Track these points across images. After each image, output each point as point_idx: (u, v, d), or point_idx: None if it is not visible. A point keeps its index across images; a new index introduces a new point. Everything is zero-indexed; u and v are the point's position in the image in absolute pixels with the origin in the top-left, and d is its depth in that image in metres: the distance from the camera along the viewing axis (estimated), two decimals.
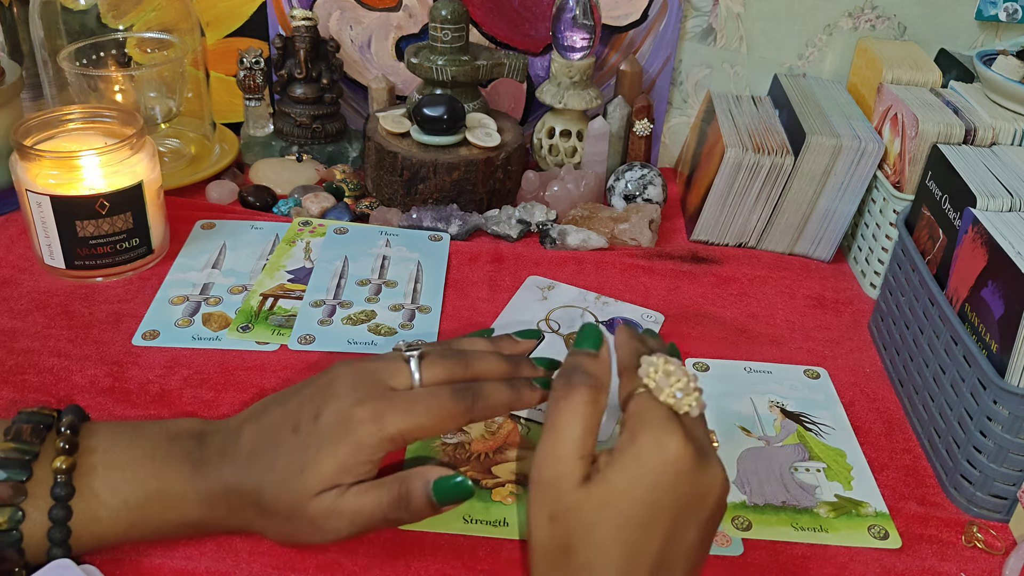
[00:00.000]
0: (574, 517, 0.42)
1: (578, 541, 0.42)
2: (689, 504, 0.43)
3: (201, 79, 0.93)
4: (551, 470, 0.44)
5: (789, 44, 0.96)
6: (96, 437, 0.50)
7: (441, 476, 0.48)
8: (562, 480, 0.43)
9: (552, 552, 0.43)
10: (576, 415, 0.44)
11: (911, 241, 0.70)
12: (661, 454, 0.42)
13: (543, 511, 0.43)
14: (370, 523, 0.49)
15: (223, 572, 0.51)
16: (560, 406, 0.45)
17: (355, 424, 0.47)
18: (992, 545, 0.57)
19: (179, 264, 0.78)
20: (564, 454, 0.44)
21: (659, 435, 0.42)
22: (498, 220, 0.86)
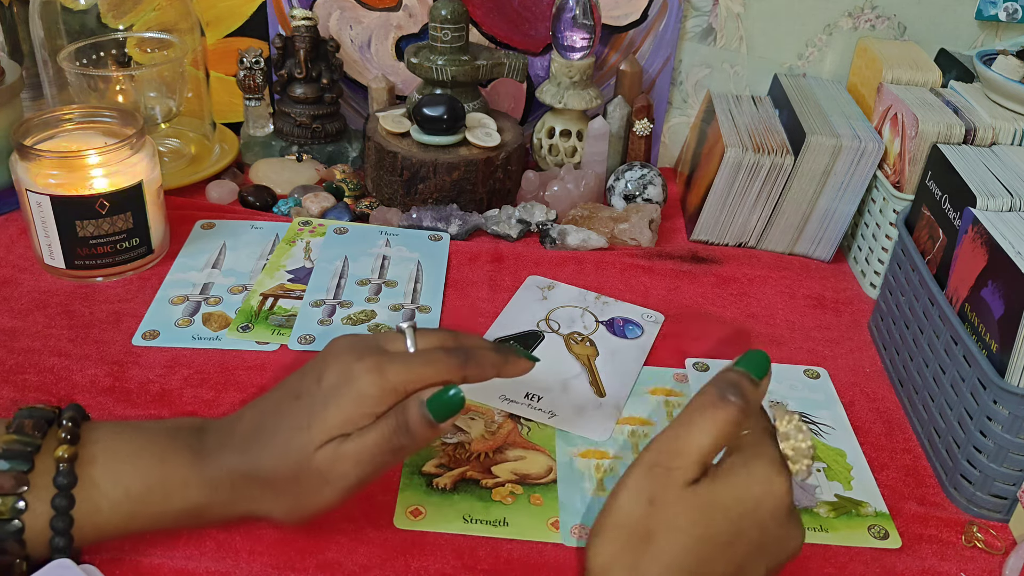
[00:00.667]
0: (671, 511, 0.43)
1: (662, 534, 0.43)
2: (768, 545, 0.45)
3: (201, 79, 0.93)
4: (670, 460, 0.44)
5: (789, 44, 0.96)
6: (97, 431, 0.50)
7: (434, 393, 0.49)
8: (675, 473, 0.44)
9: (633, 533, 0.43)
10: (716, 428, 0.44)
11: (911, 241, 0.70)
12: (769, 487, 0.44)
13: (645, 492, 0.44)
14: (376, 460, 0.49)
15: (223, 572, 0.51)
16: (707, 412, 0.45)
17: (356, 376, 0.48)
18: (992, 545, 0.57)
19: (179, 264, 0.78)
20: (687, 452, 0.44)
21: (772, 472, 0.45)
22: (498, 220, 0.86)
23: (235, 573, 0.51)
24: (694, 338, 0.74)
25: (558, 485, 0.59)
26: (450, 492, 0.57)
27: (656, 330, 0.75)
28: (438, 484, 0.58)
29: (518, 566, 0.53)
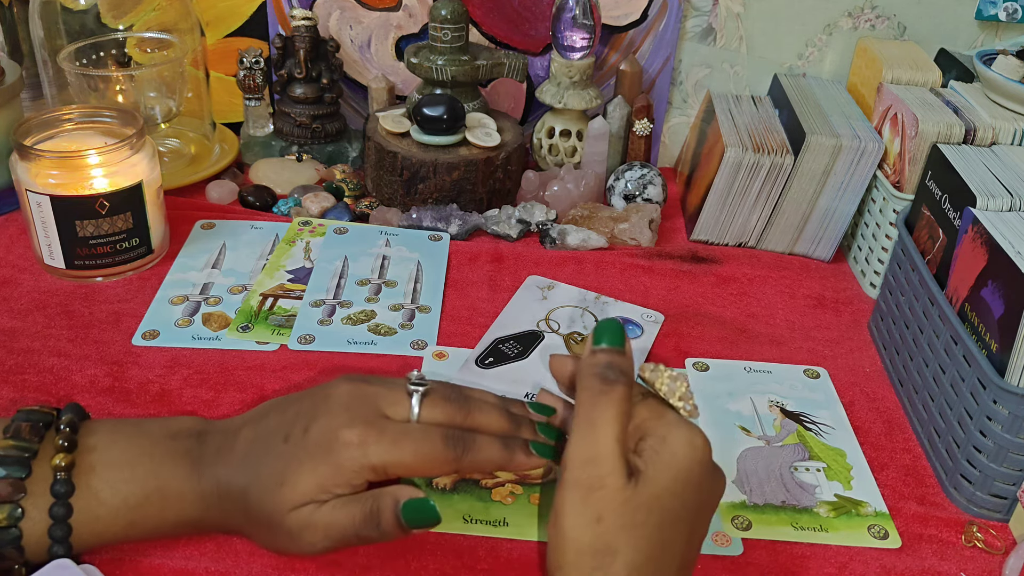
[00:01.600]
0: (623, 517, 0.42)
1: (624, 542, 0.42)
2: (707, 500, 0.45)
3: (201, 79, 0.93)
4: (596, 469, 0.43)
5: (789, 44, 0.96)
6: (95, 435, 0.50)
7: (411, 498, 0.47)
8: (608, 479, 0.42)
9: (594, 554, 0.42)
10: (616, 415, 0.44)
11: (911, 241, 0.70)
12: (694, 452, 0.44)
13: (589, 512, 0.42)
14: (343, 538, 0.47)
15: (223, 572, 0.51)
16: (599, 403, 0.44)
17: (339, 445, 0.47)
18: (992, 545, 0.57)
19: (179, 264, 0.78)
20: (607, 453, 0.43)
21: (689, 434, 0.44)
22: (498, 220, 0.86)
23: (235, 573, 0.51)
24: (694, 338, 0.74)
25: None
26: (450, 492, 0.57)
27: (656, 330, 0.75)
28: (438, 484, 0.58)
29: (518, 566, 0.53)
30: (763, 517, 0.57)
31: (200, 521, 0.50)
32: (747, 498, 0.59)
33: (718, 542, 0.55)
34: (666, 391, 0.47)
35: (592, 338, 0.47)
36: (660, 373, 0.47)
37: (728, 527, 0.57)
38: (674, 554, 0.43)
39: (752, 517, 0.57)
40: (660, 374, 0.47)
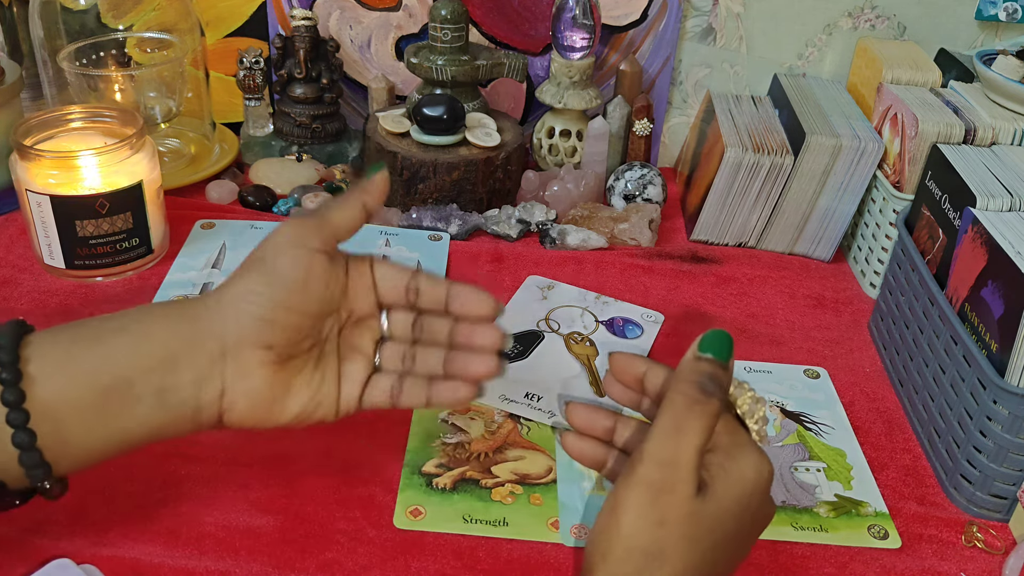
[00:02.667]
0: (685, 528, 0.42)
1: (677, 551, 0.42)
2: (758, 527, 0.46)
3: (201, 79, 0.93)
4: (673, 473, 0.42)
5: (789, 44, 0.96)
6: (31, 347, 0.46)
7: None
8: (680, 486, 0.42)
9: (645, 556, 0.42)
10: (705, 427, 0.43)
11: (911, 241, 0.70)
12: (759, 478, 0.44)
13: (654, 514, 0.42)
14: None
15: (223, 572, 0.51)
16: (694, 411, 0.43)
17: None
18: (992, 545, 0.57)
19: (179, 264, 0.78)
20: (686, 461, 0.43)
21: (759, 460, 0.44)
22: (498, 220, 0.86)
23: (235, 573, 0.51)
24: (694, 338, 0.74)
25: (558, 485, 0.59)
26: (450, 492, 0.57)
27: (656, 330, 0.75)
28: (438, 484, 0.58)
29: (518, 566, 0.53)
30: None
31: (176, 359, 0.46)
32: None
33: None
34: (746, 411, 0.47)
35: (698, 344, 0.46)
36: (744, 391, 0.47)
37: None
38: (722, 569, 0.44)
39: None
40: (744, 392, 0.47)
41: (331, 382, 0.51)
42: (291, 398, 0.49)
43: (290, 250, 0.47)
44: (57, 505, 0.54)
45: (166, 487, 0.56)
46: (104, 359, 0.45)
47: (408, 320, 0.53)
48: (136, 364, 0.45)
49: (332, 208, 0.50)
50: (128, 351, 0.46)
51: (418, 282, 0.51)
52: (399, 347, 0.53)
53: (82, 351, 0.45)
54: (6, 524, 0.53)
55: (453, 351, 0.51)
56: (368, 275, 0.51)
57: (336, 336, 0.51)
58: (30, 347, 0.45)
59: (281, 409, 0.49)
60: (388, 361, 0.53)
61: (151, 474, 0.57)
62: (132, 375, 0.45)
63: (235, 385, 0.47)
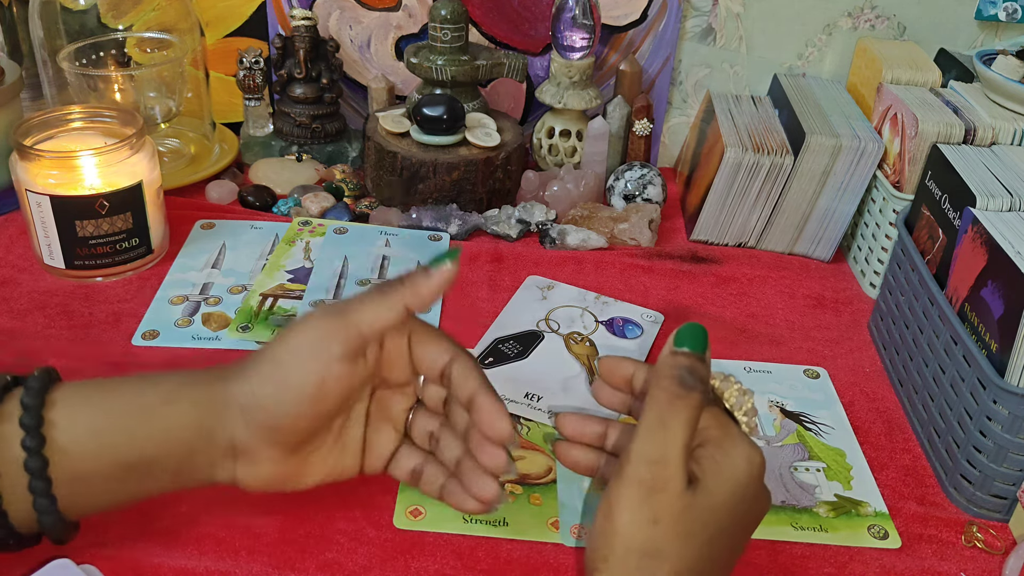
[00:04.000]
0: (679, 524, 0.42)
1: (673, 548, 0.42)
2: (754, 518, 0.46)
3: (201, 79, 0.93)
4: (662, 470, 0.43)
5: (789, 44, 0.96)
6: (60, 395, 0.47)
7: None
8: (671, 483, 0.42)
9: (643, 555, 0.42)
10: (690, 419, 0.43)
11: (911, 241, 0.70)
12: (751, 469, 0.44)
13: (647, 512, 0.42)
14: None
15: (223, 572, 0.51)
16: (676, 406, 0.43)
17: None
18: (992, 545, 0.57)
19: (179, 264, 0.78)
20: (675, 456, 0.43)
21: (750, 451, 0.44)
22: (498, 220, 0.86)
23: (235, 573, 0.51)
24: None
25: (557, 485, 0.59)
26: None
27: (656, 330, 0.75)
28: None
29: (517, 566, 0.53)
30: None
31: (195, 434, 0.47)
32: None
33: None
34: (733, 403, 0.47)
35: (674, 339, 0.46)
36: (730, 384, 0.48)
37: None
38: (716, 568, 0.44)
39: None
40: (730, 385, 0.48)
41: (353, 453, 0.50)
42: (308, 474, 0.49)
43: (307, 361, 0.45)
44: None
45: None
46: (130, 440, 0.46)
47: (442, 395, 0.51)
48: (159, 450, 0.47)
49: (366, 305, 0.46)
50: (153, 437, 0.47)
51: (452, 370, 0.49)
52: (429, 421, 0.52)
53: (109, 427, 0.46)
54: None
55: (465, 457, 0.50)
56: (405, 349, 0.50)
57: (368, 400, 0.51)
58: (55, 409, 0.46)
59: (298, 482, 0.49)
60: (417, 433, 0.52)
61: None
62: (154, 457, 0.47)
63: (246, 473, 0.48)
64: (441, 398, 0.51)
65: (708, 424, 0.45)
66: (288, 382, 0.46)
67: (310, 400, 0.46)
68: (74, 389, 0.47)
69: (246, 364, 0.47)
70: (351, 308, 0.46)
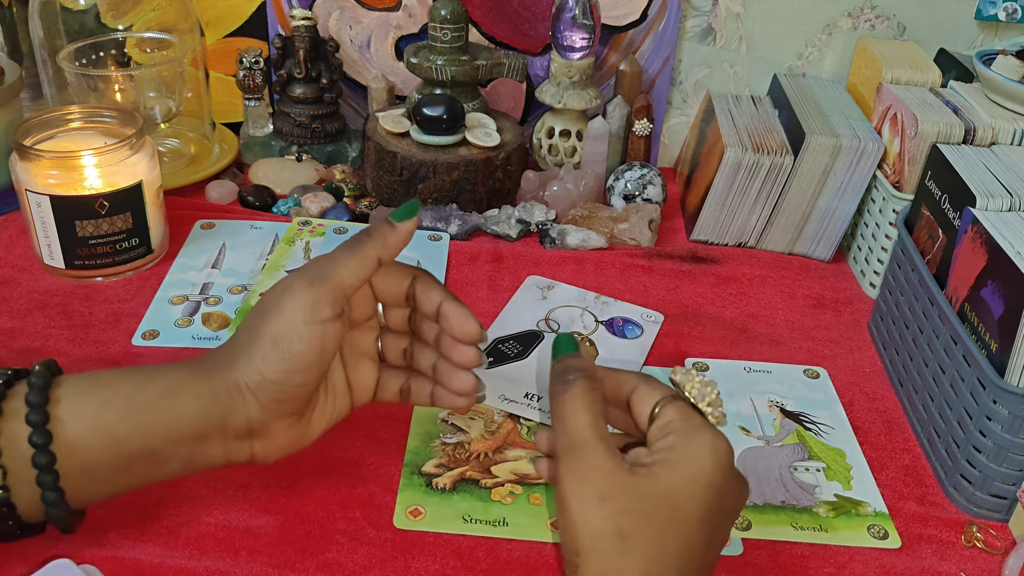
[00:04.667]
0: (626, 500, 0.43)
1: (634, 527, 0.42)
2: (730, 507, 0.46)
3: (201, 79, 0.93)
4: (582, 453, 0.44)
5: (789, 44, 0.96)
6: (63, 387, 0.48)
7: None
8: (598, 460, 0.44)
9: (607, 536, 0.42)
10: (583, 403, 0.45)
11: (911, 241, 0.70)
12: (716, 456, 0.44)
13: (590, 489, 0.43)
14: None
15: (223, 572, 0.51)
16: (562, 399, 0.46)
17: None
18: (992, 545, 0.57)
19: (179, 264, 0.78)
20: (585, 437, 0.44)
21: (713, 439, 0.45)
22: (498, 220, 0.86)
23: (235, 573, 0.51)
24: (694, 338, 0.74)
25: None
26: (449, 492, 0.57)
27: (656, 330, 0.75)
28: (437, 484, 0.58)
29: (517, 566, 0.53)
30: (763, 517, 0.57)
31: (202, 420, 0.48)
32: None
33: None
34: (696, 395, 0.48)
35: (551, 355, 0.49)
36: (691, 377, 0.48)
37: None
38: (694, 556, 0.44)
39: (752, 517, 0.57)
40: (691, 378, 0.48)
41: (343, 396, 0.54)
42: (312, 429, 0.52)
43: (305, 330, 0.48)
44: None
45: (166, 487, 0.56)
46: (134, 431, 0.47)
47: (405, 315, 0.55)
48: (166, 439, 0.48)
49: (342, 264, 0.49)
50: (159, 428, 0.48)
51: (415, 288, 0.53)
52: (399, 341, 0.56)
53: (113, 419, 0.47)
54: None
55: (440, 361, 0.54)
56: (367, 286, 0.54)
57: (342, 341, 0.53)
58: (59, 406, 0.47)
59: (305, 440, 0.52)
60: (391, 355, 0.56)
61: None
62: (161, 447, 0.48)
63: (263, 448, 0.50)
64: (404, 317, 0.55)
65: (672, 418, 0.46)
66: (293, 356, 0.48)
67: (315, 367, 0.49)
68: (76, 383, 0.48)
69: (245, 348, 0.49)
70: (329, 270, 0.49)
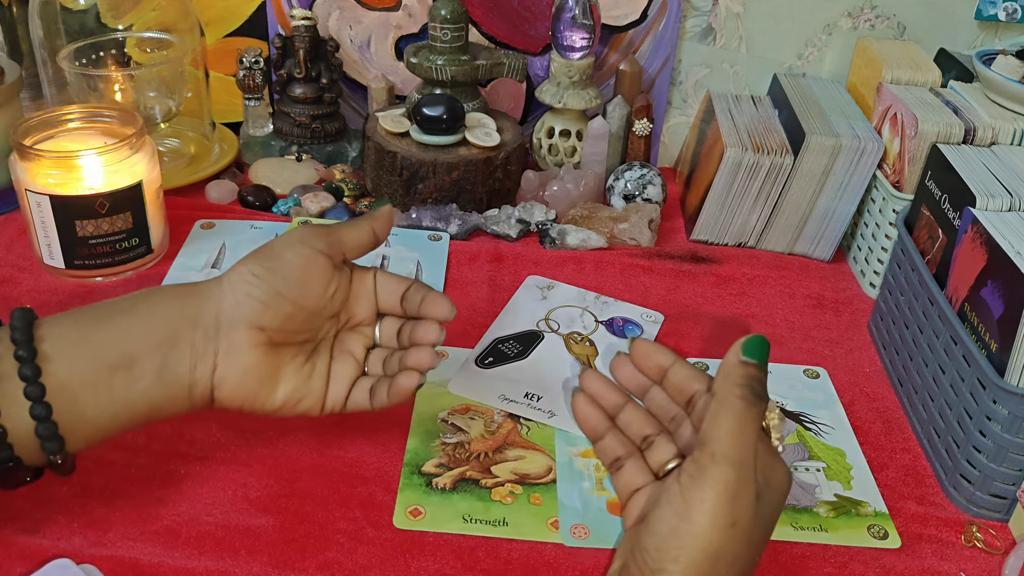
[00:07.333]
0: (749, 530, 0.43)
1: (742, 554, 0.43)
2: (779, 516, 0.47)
3: (200, 79, 0.93)
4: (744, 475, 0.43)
5: (789, 44, 0.96)
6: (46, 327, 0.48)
7: None
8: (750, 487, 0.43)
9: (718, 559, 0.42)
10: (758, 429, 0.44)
11: (911, 241, 0.70)
12: (786, 487, 0.46)
13: (729, 516, 0.42)
14: None
15: (223, 572, 0.51)
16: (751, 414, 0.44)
17: None
18: (992, 545, 0.57)
19: (178, 264, 0.78)
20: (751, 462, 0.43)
21: (785, 468, 0.46)
22: (498, 220, 0.86)
23: (235, 573, 0.51)
24: (694, 338, 0.74)
25: (558, 485, 0.59)
26: (450, 492, 0.57)
27: (656, 330, 0.75)
28: (437, 484, 0.58)
29: (517, 566, 0.53)
30: None
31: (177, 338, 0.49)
32: None
33: None
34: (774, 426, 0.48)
35: (742, 348, 0.46)
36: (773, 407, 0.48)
37: None
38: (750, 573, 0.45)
39: None
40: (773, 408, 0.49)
41: (320, 377, 0.55)
42: (279, 383, 0.52)
43: (296, 245, 0.52)
44: (57, 505, 0.54)
45: (166, 487, 0.56)
46: (112, 337, 0.48)
47: (396, 327, 0.57)
48: (141, 342, 0.49)
49: (342, 226, 0.55)
50: (135, 329, 0.49)
51: (408, 292, 0.56)
52: (383, 352, 0.57)
53: (93, 329, 0.49)
54: (6, 524, 0.53)
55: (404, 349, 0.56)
56: (370, 283, 0.57)
57: (332, 338, 0.56)
58: (44, 327, 0.48)
59: (268, 392, 0.52)
60: (372, 365, 0.57)
61: (151, 474, 0.57)
62: (137, 352, 0.49)
63: (225, 361, 0.50)
64: (395, 330, 0.57)
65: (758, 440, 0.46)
66: (279, 259, 0.51)
67: (297, 281, 0.51)
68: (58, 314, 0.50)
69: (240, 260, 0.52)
70: (335, 227, 0.54)
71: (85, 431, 0.48)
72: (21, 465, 0.47)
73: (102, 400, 0.48)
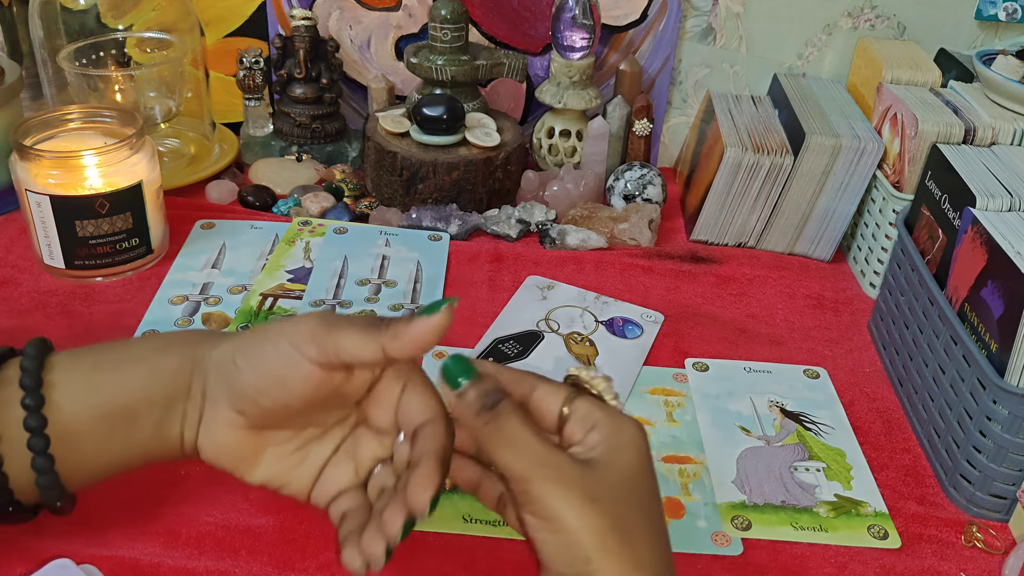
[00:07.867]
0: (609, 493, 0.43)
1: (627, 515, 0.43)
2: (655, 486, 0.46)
3: (201, 79, 0.93)
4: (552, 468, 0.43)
5: (789, 44, 0.96)
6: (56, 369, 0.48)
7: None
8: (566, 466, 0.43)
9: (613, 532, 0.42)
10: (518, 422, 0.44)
11: (911, 241, 0.70)
12: (643, 437, 0.46)
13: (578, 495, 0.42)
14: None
15: (223, 572, 0.51)
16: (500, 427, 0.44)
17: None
18: (992, 545, 0.57)
19: (179, 264, 0.78)
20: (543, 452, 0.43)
21: (633, 422, 0.46)
22: (498, 220, 0.86)
23: (235, 573, 0.51)
24: (694, 338, 0.74)
25: None
26: (450, 492, 0.57)
27: (656, 330, 0.75)
28: None
29: (517, 566, 0.53)
30: (763, 517, 0.57)
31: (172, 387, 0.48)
32: (747, 498, 0.59)
33: (718, 542, 0.55)
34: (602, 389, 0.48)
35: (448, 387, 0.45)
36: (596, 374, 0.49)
37: (728, 527, 0.57)
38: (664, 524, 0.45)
39: (752, 517, 0.57)
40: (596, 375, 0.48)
41: (310, 469, 0.49)
42: (259, 465, 0.48)
43: (282, 344, 0.45)
44: None
45: (166, 487, 0.56)
46: (118, 388, 0.48)
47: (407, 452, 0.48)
48: (143, 399, 0.48)
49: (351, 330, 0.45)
50: (141, 384, 0.48)
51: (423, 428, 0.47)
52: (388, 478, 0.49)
53: (102, 378, 0.48)
54: None
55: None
56: (396, 395, 0.49)
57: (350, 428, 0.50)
58: (54, 372, 0.47)
59: (248, 469, 0.48)
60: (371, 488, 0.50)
61: (151, 474, 0.57)
62: (138, 408, 0.48)
63: (205, 433, 0.48)
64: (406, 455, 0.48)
65: (589, 411, 0.46)
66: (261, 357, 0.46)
67: (276, 384, 0.46)
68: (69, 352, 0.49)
69: (234, 334, 0.49)
70: (340, 326, 0.46)
71: (83, 477, 0.48)
72: (21, 507, 0.48)
73: (101, 449, 0.48)
